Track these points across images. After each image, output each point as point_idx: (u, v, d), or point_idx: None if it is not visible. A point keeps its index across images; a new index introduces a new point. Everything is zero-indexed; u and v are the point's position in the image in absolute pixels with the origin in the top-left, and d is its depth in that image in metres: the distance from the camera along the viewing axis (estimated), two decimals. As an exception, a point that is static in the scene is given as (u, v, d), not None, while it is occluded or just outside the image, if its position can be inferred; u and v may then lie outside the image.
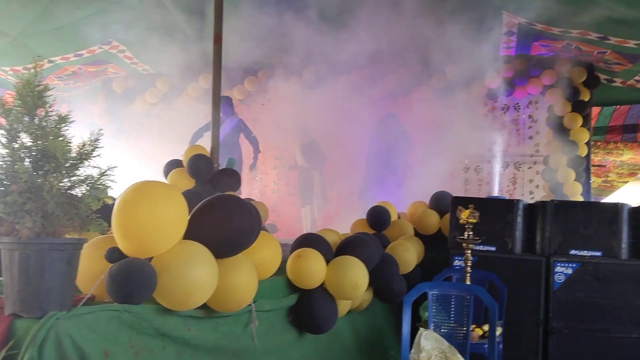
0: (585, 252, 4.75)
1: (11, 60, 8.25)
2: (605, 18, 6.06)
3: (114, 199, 4.76)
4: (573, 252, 4.78)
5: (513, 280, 4.72)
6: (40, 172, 2.19)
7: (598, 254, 4.72)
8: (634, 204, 4.94)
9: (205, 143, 5.92)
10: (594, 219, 4.79)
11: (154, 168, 9.74)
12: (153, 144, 10.25)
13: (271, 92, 9.53)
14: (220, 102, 5.78)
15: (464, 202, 4.72)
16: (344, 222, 6.60)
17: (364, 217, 5.64)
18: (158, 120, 10.40)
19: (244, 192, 8.84)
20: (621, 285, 4.62)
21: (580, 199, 7.93)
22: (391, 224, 5.62)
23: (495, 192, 8.58)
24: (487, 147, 8.85)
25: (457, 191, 8.63)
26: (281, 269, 3.85)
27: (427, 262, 5.48)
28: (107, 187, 2.37)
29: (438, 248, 5.61)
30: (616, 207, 4.79)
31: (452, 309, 3.95)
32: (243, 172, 8.85)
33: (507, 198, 6.43)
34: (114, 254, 2.48)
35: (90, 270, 2.53)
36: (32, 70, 2.26)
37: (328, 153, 8.97)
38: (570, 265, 4.72)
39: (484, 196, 8.59)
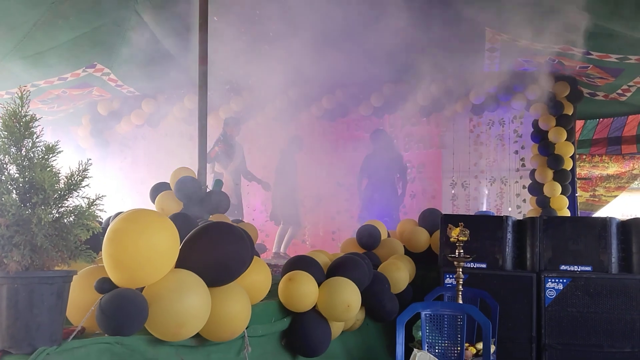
0: (575, 267, 4.77)
1: (-6, 85, 8.19)
2: (586, 32, 6.15)
3: (101, 222, 4.71)
4: (563, 267, 4.79)
5: (504, 296, 4.73)
6: (27, 205, 2.15)
7: (588, 268, 4.75)
8: (622, 218, 4.98)
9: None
10: (583, 234, 4.82)
11: (141, 190, 9.72)
12: (139, 165, 10.22)
13: (256, 112, 9.52)
14: (206, 124, 5.77)
15: (454, 220, 4.73)
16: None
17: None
18: (144, 142, 10.37)
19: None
20: (612, 300, 4.64)
21: (567, 212, 7.98)
22: (381, 243, 5.61)
23: (484, 208, 8.62)
24: (474, 162, 8.90)
25: (445, 207, 8.70)
26: (273, 292, 3.82)
27: (418, 279, 5.47)
28: (97, 216, 2.34)
29: (428, 265, 5.62)
30: (604, 222, 4.83)
31: (445, 329, 3.93)
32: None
33: (494, 214, 6.45)
34: (105, 285, 2.44)
35: (81, 301, 2.48)
36: (18, 101, 2.23)
37: (316, 173, 8.96)
38: (560, 280, 4.73)
39: (471, 211, 8.64)
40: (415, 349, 3.87)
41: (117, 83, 9.22)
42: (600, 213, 9.75)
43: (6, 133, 2.19)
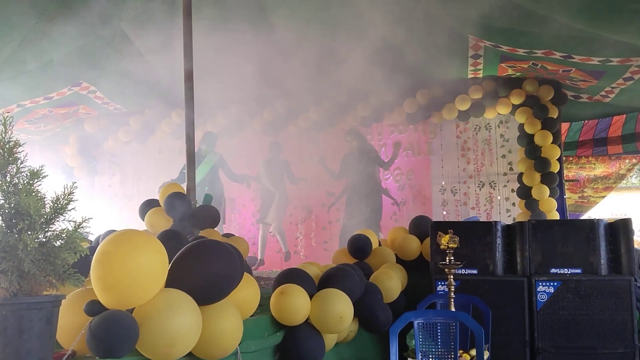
0: (565, 270, 4.79)
1: (-21, 106, 8.16)
2: (567, 36, 6.22)
3: (90, 242, 4.69)
4: (553, 270, 4.82)
5: (496, 301, 4.75)
6: (14, 230, 2.14)
7: (578, 271, 4.78)
8: (610, 219, 5.02)
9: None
10: (571, 236, 4.86)
11: (130, 207, 9.68)
12: (128, 182, 10.19)
13: (244, 125, 9.54)
14: (194, 139, 5.76)
15: (443, 227, 4.74)
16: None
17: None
18: (132, 159, 10.35)
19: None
20: (603, 301, 4.67)
21: (556, 214, 8.03)
22: (372, 252, 5.61)
23: (474, 213, 8.65)
24: (462, 167, 8.95)
25: (435, 213, 8.73)
26: (265, 306, 3.82)
27: (411, 287, 5.48)
28: (84, 239, 2.33)
29: (420, 273, 5.62)
30: (592, 224, 4.87)
31: (439, 336, 3.94)
32: (227, 206, 8.84)
33: (481, 220, 6.48)
34: (94, 307, 2.43)
35: (71, 324, 2.47)
36: (2, 127, 2.22)
37: (306, 183, 9.02)
38: (551, 284, 4.76)
39: (462, 217, 8.68)
40: (409, 358, 3.88)
41: (103, 100, 9.20)
42: (589, 214, 9.83)
43: (-10, 159, 2.19)
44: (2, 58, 7.13)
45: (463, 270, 4.92)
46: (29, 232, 2.14)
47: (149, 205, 5.47)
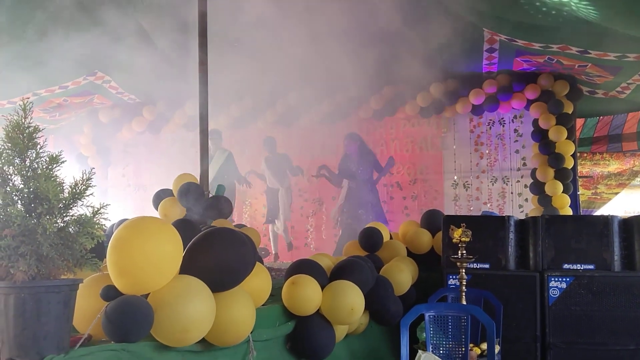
0: (578, 265, 4.77)
1: (-5, 94, 8.24)
2: (583, 31, 6.17)
3: (105, 229, 4.74)
4: (566, 266, 4.80)
5: (508, 296, 4.74)
6: (33, 215, 2.17)
7: (591, 267, 4.75)
8: (624, 216, 4.98)
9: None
10: (585, 232, 4.83)
11: (144, 196, 9.74)
12: (141, 172, 10.26)
13: (257, 117, 9.56)
14: (207, 129, 5.79)
15: (456, 220, 4.73)
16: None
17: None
18: (145, 149, 10.41)
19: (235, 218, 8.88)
20: (615, 298, 4.64)
21: (569, 210, 7.98)
22: (384, 245, 5.62)
23: (487, 208, 8.62)
24: (475, 162, 8.92)
25: (447, 208, 8.72)
26: (277, 296, 3.84)
27: (421, 281, 5.48)
28: (101, 225, 2.36)
29: (431, 267, 5.63)
30: (606, 220, 4.83)
31: (450, 330, 3.94)
32: (236, 201, 8.88)
33: (498, 214, 6.48)
34: (110, 292, 2.46)
35: (87, 309, 2.50)
36: (22, 112, 2.25)
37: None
38: (564, 279, 4.74)
39: (474, 212, 8.66)
40: (420, 351, 3.88)
41: (118, 90, 9.26)
42: (601, 211, 9.77)
43: (10, 144, 2.22)
44: (18, 47, 7.18)
45: (475, 264, 4.91)
46: (48, 217, 2.17)
47: (162, 194, 5.52)
